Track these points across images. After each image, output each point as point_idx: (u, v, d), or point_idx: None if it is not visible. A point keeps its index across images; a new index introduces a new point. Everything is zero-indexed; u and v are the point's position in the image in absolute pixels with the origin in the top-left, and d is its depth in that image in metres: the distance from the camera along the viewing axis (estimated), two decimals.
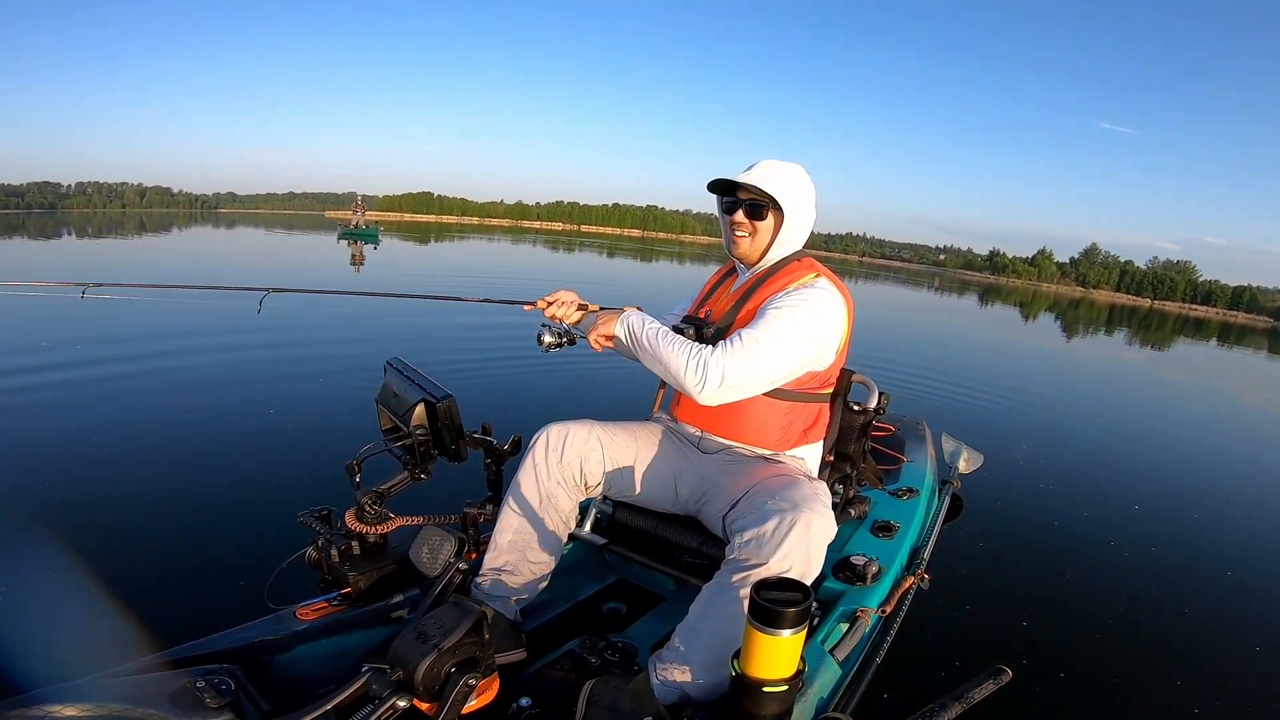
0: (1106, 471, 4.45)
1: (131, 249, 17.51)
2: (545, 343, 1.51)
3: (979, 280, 74.70)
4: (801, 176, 1.49)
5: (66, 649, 1.58)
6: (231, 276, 11.12)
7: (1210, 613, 2.58)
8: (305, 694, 1.11)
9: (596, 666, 1.42)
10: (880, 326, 11.22)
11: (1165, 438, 5.84)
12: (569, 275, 17.15)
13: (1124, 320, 29.97)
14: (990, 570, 2.72)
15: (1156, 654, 2.28)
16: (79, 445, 3.15)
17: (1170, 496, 4.06)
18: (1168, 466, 4.88)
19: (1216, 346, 20.72)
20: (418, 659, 1.04)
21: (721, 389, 1.31)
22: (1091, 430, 5.67)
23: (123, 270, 11.41)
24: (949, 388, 6.41)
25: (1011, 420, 5.61)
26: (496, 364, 5.38)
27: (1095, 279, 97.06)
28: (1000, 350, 11.51)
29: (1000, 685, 1.15)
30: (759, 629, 0.96)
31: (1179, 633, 2.42)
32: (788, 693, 1.00)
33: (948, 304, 24.21)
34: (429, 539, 1.43)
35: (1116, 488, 4.09)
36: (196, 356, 5.03)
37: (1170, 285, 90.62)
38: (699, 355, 1.32)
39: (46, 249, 16.92)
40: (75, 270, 11.17)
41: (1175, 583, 2.81)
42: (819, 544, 1.18)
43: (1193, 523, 3.63)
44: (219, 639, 1.26)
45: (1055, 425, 5.68)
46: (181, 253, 17.15)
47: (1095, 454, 4.86)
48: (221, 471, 2.97)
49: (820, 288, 1.42)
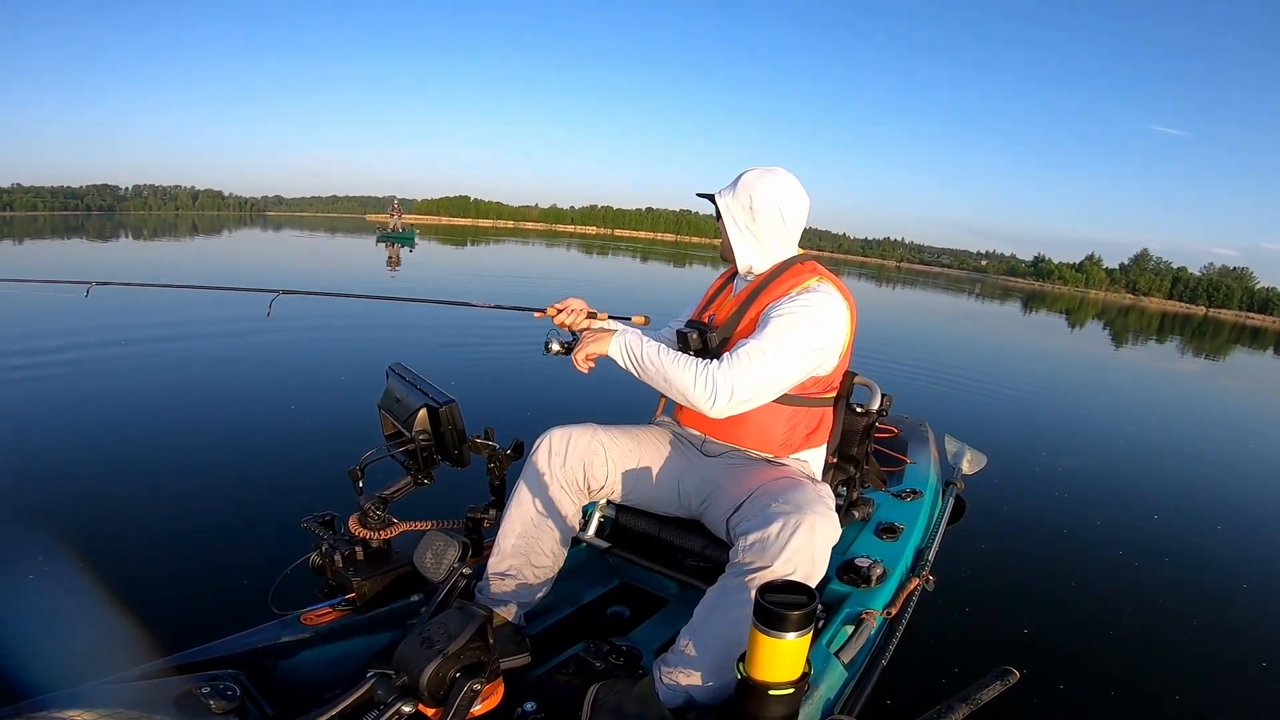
0: (1113, 474, 4.43)
1: (181, 252, 17.72)
2: (554, 350, 1.50)
3: (1022, 287, 73.05)
4: (764, 180, 1.49)
5: (72, 654, 1.59)
6: (265, 276, 11.26)
7: (1220, 617, 2.57)
8: (310, 699, 1.11)
9: (601, 670, 1.42)
10: (886, 329, 11.20)
11: (1185, 443, 5.80)
12: (600, 279, 17.12)
13: (1175, 329, 28.20)
14: (995, 571, 2.71)
15: (1164, 655, 2.27)
16: (81, 448, 3.16)
17: (1183, 501, 4.02)
18: (1183, 471, 4.84)
19: (1273, 356, 19.49)
20: (422, 664, 1.04)
21: (732, 403, 1.32)
22: (1100, 433, 5.65)
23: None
24: (951, 389, 6.41)
25: (1014, 421, 5.60)
26: (499, 368, 5.39)
27: (1146, 286, 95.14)
28: (1007, 352, 11.49)
29: (1008, 687, 1.15)
30: (764, 632, 0.96)
31: (1187, 635, 2.41)
32: (793, 695, 1.00)
33: (987, 311, 23.04)
34: (432, 544, 1.42)
35: (1125, 490, 4.07)
36: (198, 359, 5.05)
37: (1226, 292, 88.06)
38: (706, 371, 1.32)
39: (104, 251, 17.15)
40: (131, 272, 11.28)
41: (1183, 585, 2.80)
42: (823, 546, 1.18)
43: (1206, 528, 3.58)
44: (224, 644, 1.26)
45: (1060, 427, 5.67)
46: (225, 254, 17.49)
47: (1102, 456, 4.85)
48: (225, 477, 2.97)
49: (822, 292, 1.42)
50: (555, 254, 28.04)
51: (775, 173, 1.51)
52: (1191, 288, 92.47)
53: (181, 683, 1.11)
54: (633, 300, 11.68)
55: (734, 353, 1.35)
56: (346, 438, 3.44)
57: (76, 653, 1.61)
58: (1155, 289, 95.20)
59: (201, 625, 1.43)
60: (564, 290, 1.64)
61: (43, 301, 6.23)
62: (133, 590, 1.96)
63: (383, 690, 1.06)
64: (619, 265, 25.05)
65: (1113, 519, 3.47)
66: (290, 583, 1.51)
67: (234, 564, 2.20)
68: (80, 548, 2.17)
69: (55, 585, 2.02)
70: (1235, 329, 37.19)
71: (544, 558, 1.49)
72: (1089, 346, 14.88)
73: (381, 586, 1.48)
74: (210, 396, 4.23)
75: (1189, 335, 24.42)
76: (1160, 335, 22.15)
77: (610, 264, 25.23)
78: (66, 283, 2.08)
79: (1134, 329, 24.10)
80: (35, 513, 2.46)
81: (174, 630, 1.54)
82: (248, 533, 2.45)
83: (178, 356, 5.13)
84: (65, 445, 3.20)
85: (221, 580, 2.12)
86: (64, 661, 1.34)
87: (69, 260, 13.19)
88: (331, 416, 3.94)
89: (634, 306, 1.70)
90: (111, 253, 17.10)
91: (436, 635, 1.08)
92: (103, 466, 2.99)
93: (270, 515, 2.55)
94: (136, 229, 31.61)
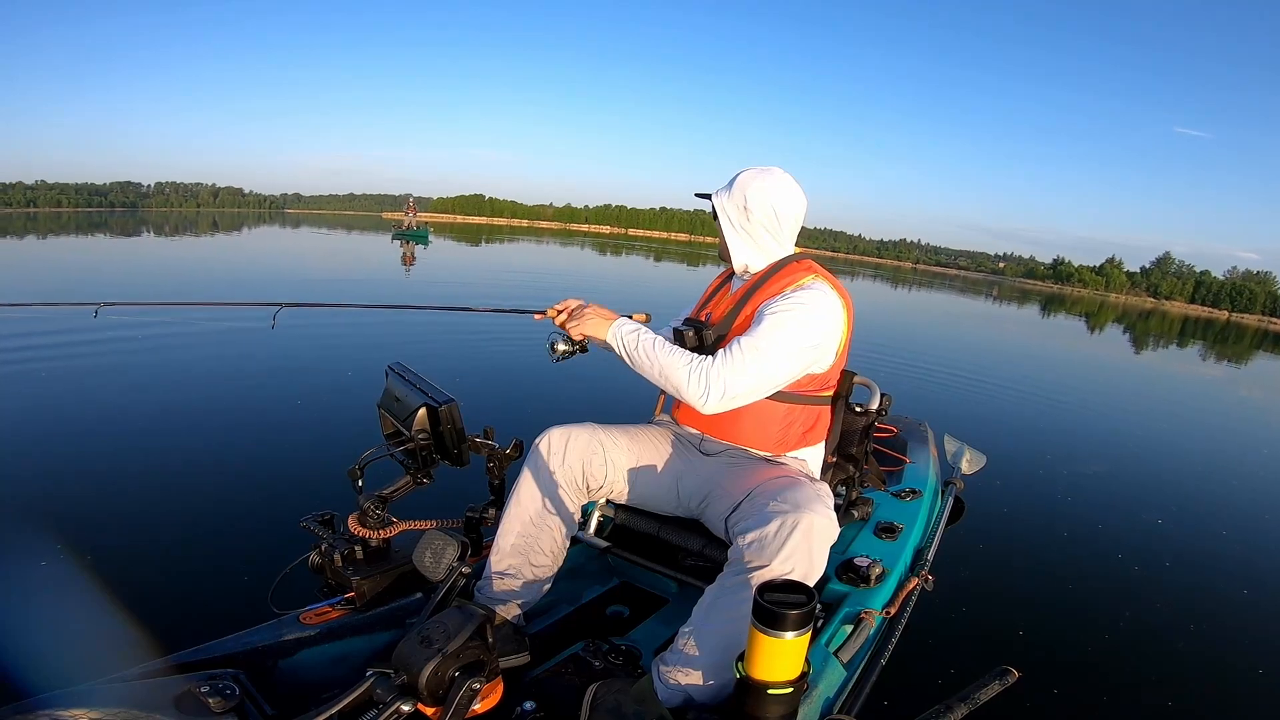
0: (1115, 475, 4.43)
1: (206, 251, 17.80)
2: (558, 351, 1.49)
3: (1042, 289, 71.62)
4: (759, 181, 1.50)
5: (72, 653, 1.59)
6: (281, 273, 11.26)
7: (1220, 618, 2.57)
8: (309, 699, 1.11)
9: (600, 670, 1.42)
10: (884, 329, 11.21)
11: (1194, 447, 5.77)
12: (612, 279, 17.12)
13: (1197, 334, 26.98)
14: (994, 571, 2.72)
15: (1163, 655, 2.27)
16: (81, 447, 3.16)
17: (1187, 504, 4.00)
18: (1190, 475, 4.81)
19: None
20: (422, 663, 1.04)
21: (724, 399, 1.32)
22: (1102, 434, 5.65)
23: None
24: (950, 389, 6.41)
25: (1014, 421, 5.60)
26: (499, 368, 5.39)
27: (1168, 289, 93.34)
28: (1006, 352, 11.50)
29: (1006, 686, 1.15)
30: (763, 631, 0.96)
31: (1186, 636, 2.41)
32: (792, 695, 1.00)
33: (1003, 315, 22.41)
34: (432, 543, 1.43)
35: (1126, 491, 4.07)
36: (198, 359, 5.04)
37: (1249, 297, 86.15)
38: (700, 367, 1.33)
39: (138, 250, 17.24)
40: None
41: (1183, 587, 2.80)
42: (821, 545, 1.18)
43: (1208, 532, 3.56)
44: (223, 644, 1.27)
45: (1059, 427, 5.67)
46: (241, 250, 17.86)
47: (1103, 457, 4.84)
48: (224, 476, 2.97)
49: (816, 289, 1.42)
50: (569, 253, 28.19)
51: (770, 173, 1.51)
52: (1214, 292, 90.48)
53: (181, 682, 1.11)
54: (642, 299, 11.68)
55: (728, 349, 1.35)
56: (346, 437, 3.44)
57: (76, 653, 1.61)
58: (1177, 293, 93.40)
59: (201, 624, 1.43)
60: (576, 290, 1.64)
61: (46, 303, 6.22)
62: (132, 590, 1.96)
63: (382, 689, 1.06)
64: (632, 265, 25.12)
65: (1113, 520, 3.47)
66: (289, 582, 1.51)
67: (233, 563, 2.20)
68: (80, 548, 2.18)
69: (55, 585, 2.02)
70: (1258, 334, 36.04)
71: (543, 557, 1.49)
72: (1107, 351, 14.57)
73: (381, 586, 1.48)
74: (210, 396, 4.23)
75: (1211, 340, 23.79)
76: (1181, 340, 21.57)
77: (624, 263, 25.30)
78: (74, 305, 2.08)
79: (1154, 334, 23.36)
80: (35, 513, 2.45)
81: (173, 629, 1.55)
82: (247, 532, 2.45)
83: (178, 356, 5.13)
84: (65, 445, 3.20)
85: (221, 579, 2.12)
86: (64, 661, 1.34)
87: (78, 265, 13.20)
88: (331, 416, 3.94)
89: (642, 305, 1.71)
90: (134, 249, 17.21)
91: (436, 634, 1.08)
92: (102, 466, 2.99)
93: (269, 514, 2.56)
94: (158, 225, 32.34)
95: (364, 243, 24.41)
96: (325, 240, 25.10)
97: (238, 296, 6.58)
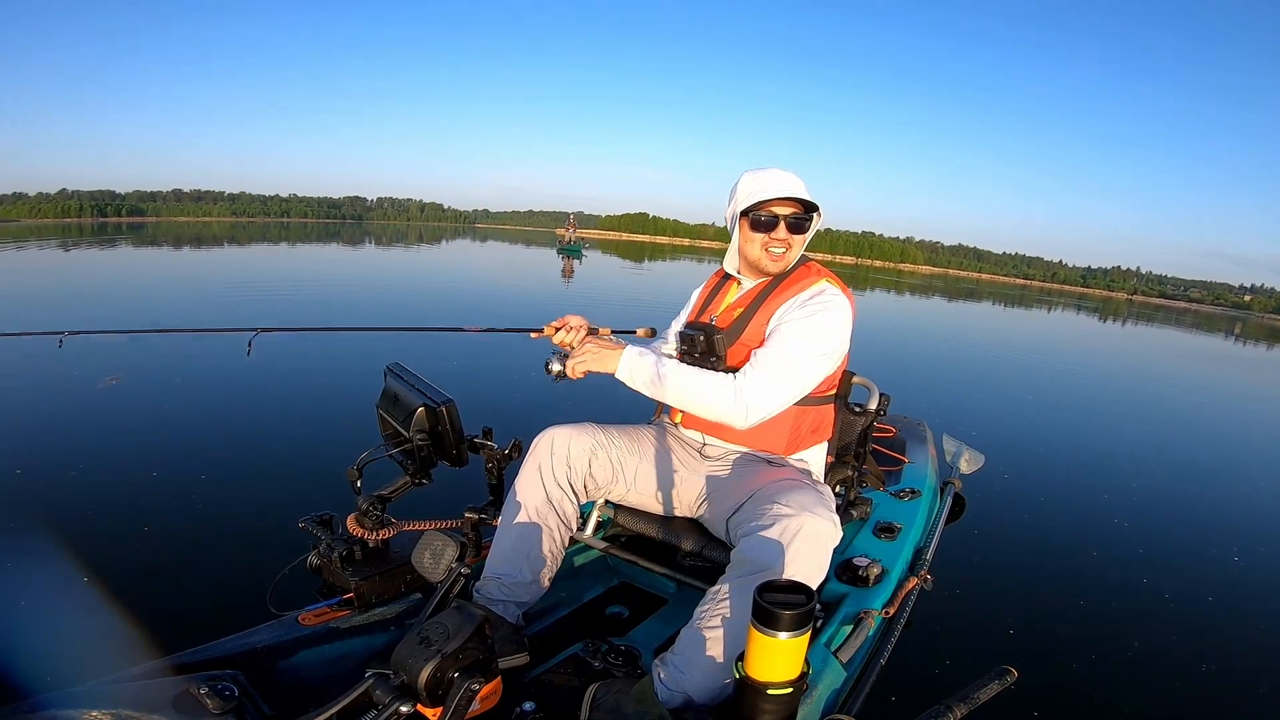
0: (1112, 474, 4.42)
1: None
2: (554, 371, 1.45)
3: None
4: (750, 182, 1.49)
5: (71, 654, 1.58)
6: (484, 275, 13.11)
7: (1219, 618, 2.56)
8: (308, 699, 1.11)
9: (600, 670, 1.42)
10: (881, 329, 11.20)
11: (1194, 445, 5.73)
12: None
13: None
14: (993, 571, 2.71)
15: (1162, 655, 2.27)
16: (81, 448, 3.15)
17: (1190, 507, 3.98)
18: (1185, 472, 4.81)
19: None
20: (421, 664, 1.04)
21: (764, 414, 1.36)
22: (1099, 433, 5.65)
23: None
24: (949, 389, 6.41)
25: (1014, 421, 5.60)
26: (498, 367, 5.38)
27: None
28: (1003, 353, 11.50)
29: (1006, 686, 1.15)
30: (763, 631, 0.96)
31: (1185, 635, 2.40)
32: (792, 695, 1.00)
33: (1246, 355, 18.98)
34: (431, 544, 1.42)
35: (1122, 490, 4.06)
36: (198, 360, 5.03)
37: None
38: (734, 386, 1.35)
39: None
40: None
41: (1180, 584, 2.80)
42: (824, 548, 1.18)
43: (1209, 533, 3.54)
44: (222, 645, 1.26)
45: (1059, 427, 5.67)
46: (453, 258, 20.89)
47: (1101, 456, 4.85)
48: (223, 477, 2.97)
49: (831, 294, 1.44)
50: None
51: (765, 174, 1.50)
52: None
53: (180, 683, 1.11)
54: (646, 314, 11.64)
55: (757, 363, 1.36)
56: (344, 438, 3.43)
57: (76, 653, 1.61)
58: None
59: (200, 625, 1.43)
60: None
61: (45, 304, 6.20)
62: (132, 590, 1.96)
63: (381, 690, 1.06)
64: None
65: (1112, 520, 3.47)
66: (288, 583, 1.51)
67: (232, 564, 2.20)
68: (80, 549, 2.17)
69: (55, 587, 2.02)
70: None
71: (543, 557, 1.49)
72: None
73: (380, 586, 1.48)
74: (209, 396, 4.23)
75: None
76: None
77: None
78: (37, 334, 2.10)
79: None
80: (35, 513, 2.45)
81: (173, 630, 1.54)
82: (246, 533, 2.45)
83: (177, 356, 5.13)
84: (65, 446, 3.20)
85: (220, 580, 2.12)
86: (64, 662, 1.34)
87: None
88: (329, 417, 3.94)
89: (644, 320, 1.71)
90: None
91: (435, 635, 1.08)
92: (101, 466, 2.99)
93: (268, 515, 2.55)
94: (377, 236, 40.08)
95: (537, 255, 28.50)
96: (504, 253, 29.50)
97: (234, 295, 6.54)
